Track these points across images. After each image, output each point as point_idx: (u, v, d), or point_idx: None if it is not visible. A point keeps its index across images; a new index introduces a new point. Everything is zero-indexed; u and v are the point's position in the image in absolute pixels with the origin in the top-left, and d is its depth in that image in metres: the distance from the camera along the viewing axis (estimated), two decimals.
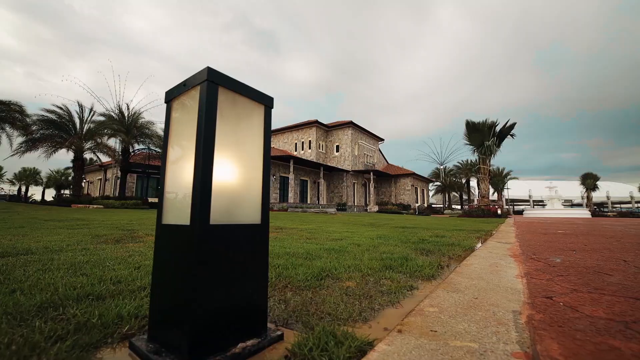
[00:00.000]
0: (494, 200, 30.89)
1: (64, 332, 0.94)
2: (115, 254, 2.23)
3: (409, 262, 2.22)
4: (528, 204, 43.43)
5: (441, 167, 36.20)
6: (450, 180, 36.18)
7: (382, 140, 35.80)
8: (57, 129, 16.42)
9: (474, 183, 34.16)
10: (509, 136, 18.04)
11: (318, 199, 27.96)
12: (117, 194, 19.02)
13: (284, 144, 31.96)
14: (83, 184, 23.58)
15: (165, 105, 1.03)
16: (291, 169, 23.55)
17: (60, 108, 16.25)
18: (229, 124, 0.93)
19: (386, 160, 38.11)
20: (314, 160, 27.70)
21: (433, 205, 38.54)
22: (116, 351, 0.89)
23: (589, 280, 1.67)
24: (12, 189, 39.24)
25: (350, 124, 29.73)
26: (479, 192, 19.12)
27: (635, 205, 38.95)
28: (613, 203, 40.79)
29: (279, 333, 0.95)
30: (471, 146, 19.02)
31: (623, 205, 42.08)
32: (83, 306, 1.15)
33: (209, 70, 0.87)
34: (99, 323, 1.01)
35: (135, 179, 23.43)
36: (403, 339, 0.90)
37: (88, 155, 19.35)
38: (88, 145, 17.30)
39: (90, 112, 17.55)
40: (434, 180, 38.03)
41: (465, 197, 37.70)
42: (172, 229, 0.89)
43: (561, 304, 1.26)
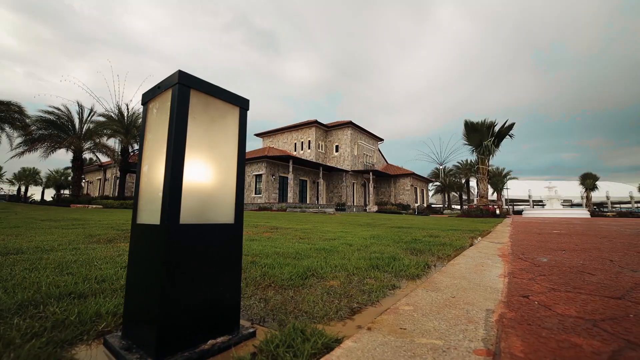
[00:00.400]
0: (493, 200, 30.89)
1: (40, 330, 0.96)
2: (105, 254, 2.25)
3: (396, 262, 2.24)
4: (528, 204, 43.41)
5: (441, 167, 36.20)
6: (450, 180, 36.18)
7: (382, 140, 35.81)
8: (57, 129, 16.46)
9: (473, 183, 34.16)
10: (507, 136, 18.05)
11: (317, 199, 27.99)
12: (117, 194, 19.06)
13: (284, 144, 31.98)
14: (82, 184, 23.62)
15: (143, 107, 1.05)
16: (290, 169, 23.58)
17: (59, 109, 16.28)
18: (201, 125, 0.95)
19: (386, 160, 38.12)
20: (314, 160, 27.72)
21: (433, 205, 38.54)
22: (91, 348, 0.91)
23: (570, 280, 1.69)
24: (12, 189, 39.34)
25: (350, 124, 29.74)
26: (477, 192, 19.13)
27: (635, 205, 38.92)
28: (613, 203, 40.76)
29: (251, 330, 0.97)
30: (470, 146, 19.02)
31: (623, 205, 42.04)
32: (64, 304, 1.17)
33: (180, 73, 0.89)
34: (76, 320, 1.03)
35: (135, 179, 23.48)
36: (371, 336, 0.91)
37: (87, 155, 19.40)
38: (87, 145, 17.34)
39: (89, 113, 17.59)
40: (434, 180, 38.03)
41: (465, 197, 37.69)
42: (145, 229, 0.91)
43: (536, 302, 1.28)
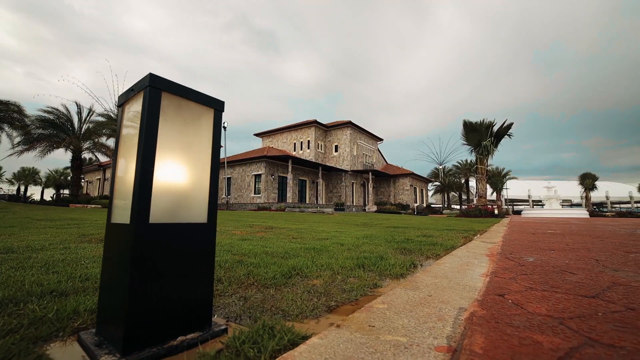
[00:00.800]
0: (492, 200, 30.87)
1: (17, 326, 0.98)
2: (94, 253, 2.28)
3: (383, 262, 2.26)
4: (527, 204, 43.41)
5: (440, 167, 36.20)
6: (450, 180, 36.19)
7: (381, 140, 35.82)
8: (56, 128, 16.50)
9: (473, 183, 34.15)
10: (506, 136, 18.05)
11: (317, 199, 28.01)
12: None
13: (283, 144, 32.01)
14: (82, 183, 23.66)
15: (119, 109, 1.07)
16: (289, 169, 23.60)
17: (58, 109, 16.31)
18: (173, 127, 0.97)
19: (385, 160, 38.13)
20: (313, 160, 27.75)
21: (432, 205, 38.54)
22: (66, 344, 0.94)
23: (550, 279, 1.71)
24: (12, 189, 39.39)
25: (349, 124, 29.76)
26: (476, 192, 19.14)
27: (635, 205, 38.89)
28: (612, 203, 40.74)
29: (223, 327, 1.00)
30: (469, 146, 19.03)
31: (622, 205, 42.00)
32: (44, 302, 1.19)
33: (151, 76, 0.91)
34: (54, 318, 1.05)
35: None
36: (338, 333, 0.93)
37: (87, 155, 19.44)
38: (86, 145, 17.38)
39: (88, 112, 17.62)
40: (433, 180, 38.04)
41: (464, 197, 37.69)
42: (117, 228, 0.93)
43: (510, 301, 1.29)
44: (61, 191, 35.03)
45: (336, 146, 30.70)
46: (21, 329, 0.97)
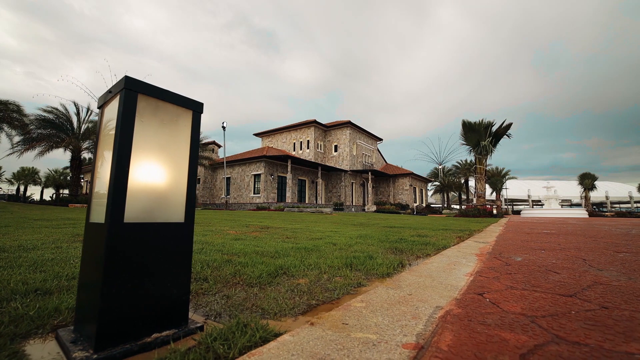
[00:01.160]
0: (492, 200, 30.86)
1: None
2: None
3: (371, 261, 2.27)
4: (527, 203, 43.39)
5: (440, 167, 36.20)
6: (449, 180, 36.19)
7: (381, 140, 35.83)
8: (55, 128, 16.53)
9: (472, 183, 34.18)
10: (505, 136, 18.06)
11: (316, 199, 28.03)
12: None
13: (282, 144, 32.03)
14: (82, 183, 23.70)
15: (99, 110, 1.09)
16: (289, 169, 23.63)
17: (57, 109, 16.34)
18: (150, 128, 0.99)
19: (385, 160, 38.14)
20: (312, 160, 27.77)
21: (432, 205, 38.55)
22: (44, 341, 0.95)
23: (532, 278, 1.72)
24: (11, 189, 39.43)
25: (349, 124, 29.77)
26: (475, 192, 19.15)
27: (634, 205, 38.85)
28: (612, 203, 40.70)
29: (199, 325, 1.01)
30: (468, 146, 19.04)
31: (622, 205, 41.96)
32: (27, 300, 1.21)
33: (127, 79, 0.93)
34: (35, 315, 1.07)
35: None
36: (310, 330, 0.95)
37: (86, 154, 19.45)
38: (86, 144, 17.41)
39: (87, 112, 17.65)
40: (433, 180, 38.04)
41: (464, 197, 37.69)
42: (94, 227, 0.95)
43: (488, 300, 1.31)
44: (61, 191, 35.09)
45: (336, 146, 30.72)
46: (1, 326, 0.99)
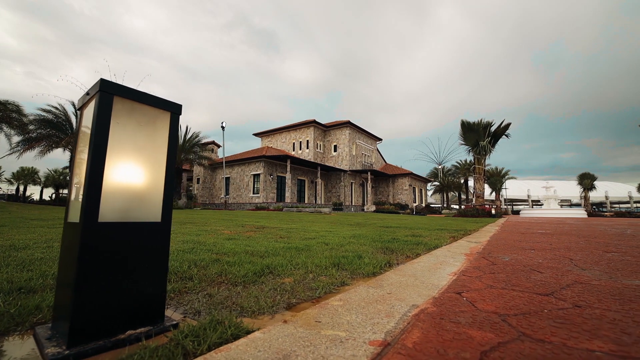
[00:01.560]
0: (492, 200, 30.84)
1: None
2: None
3: (359, 261, 2.29)
4: (527, 203, 43.38)
5: (439, 167, 36.19)
6: (449, 180, 36.18)
7: (380, 140, 35.84)
8: (54, 128, 16.56)
9: (472, 183, 34.22)
10: (504, 136, 18.07)
11: (315, 199, 28.05)
12: None
13: (282, 144, 32.05)
14: None
15: (78, 112, 1.11)
16: (288, 169, 23.65)
17: (57, 108, 16.38)
18: (126, 130, 1.01)
19: (384, 160, 38.15)
20: (312, 160, 27.78)
21: (431, 205, 38.56)
22: (22, 337, 0.98)
23: (514, 278, 1.74)
24: (11, 189, 39.48)
25: (348, 124, 29.79)
26: (474, 192, 19.16)
27: (634, 205, 38.82)
28: (612, 203, 40.67)
29: (174, 322, 1.03)
30: (467, 146, 19.05)
31: (622, 205, 41.93)
32: (9, 298, 1.23)
33: (102, 82, 0.95)
34: (15, 313, 1.09)
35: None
36: (282, 328, 0.97)
37: None
38: None
39: None
40: (433, 180, 38.04)
41: (463, 197, 37.69)
42: (70, 227, 0.97)
43: (465, 299, 1.33)
44: (60, 191, 35.13)
45: (335, 146, 30.73)
46: None
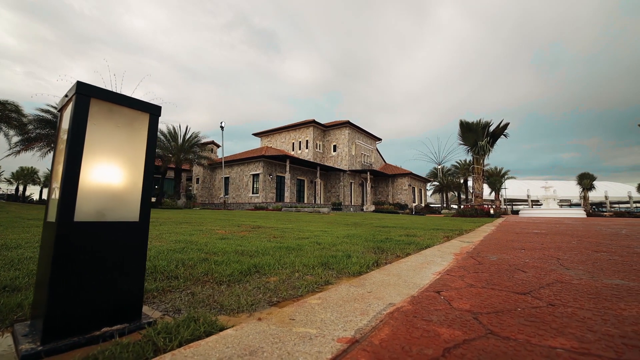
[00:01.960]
0: (491, 200, 30.84)
1: None
2: None
3: (348, 260, 2.31)
4: (526, 203, 43.37)
5: (439, 167, 36.19)
6: (448, 180, 36.18)
7: (380, 140, 35.85)
8: (53, 128, 16.58)
9: (471, 183, 34.20)
10: (502, 136, 18.08)
11: (315, 199, 28.07)
12: None
13: (281, 144, 32.07)
14: None
15: (58, 114, 1.13)
16: (287, 169, 23.67)
17: (56, 108, 16.40)
18: (104, 131, 1.03)
19: (384, 160, 38.16)
20: (311, 160, 27.80)
21: (431, 205, 38.56)
22: (3, 334, 1.00)
23: (496, 277, 1.76)
24: (10, 189, 39.51)
25: (348, 124, 29.80)
26: (473, 192, 19.17)
27: (634, 205, 38.78)
28: (611, 203, 40.65)
29: (151, 320, 1.06)
30: (465, 146, 19.06)
31: (621, 205, 41.90)
32: None
33: (78, 84, 0.97)
34: None
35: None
36: (255, 325, 0.99)
37: None
38: None
39: None
40: (432, 180, 38.04)
41: (463, 197, 37.69)
42: (48, 226, 0.99)
43: (442, 297, 1.35)
44: None
45: (334, 146, 30.75)
46: None
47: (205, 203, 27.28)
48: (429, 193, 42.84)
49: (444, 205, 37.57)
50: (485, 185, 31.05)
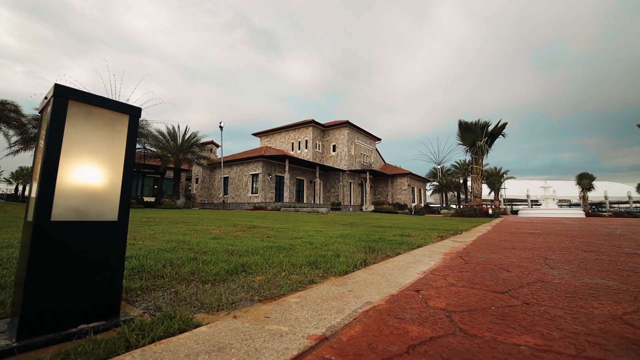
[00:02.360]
0: (490, 200, 30.84)
1: None
2: None
3: (335, 260, 2.33)
4: (526, 203, 43.38)
5: (438, 167, 36.20)
6: (448, 180, 36.20)
7: (379, 140, 35.86)
8: None
9: (471, 182, 34.18)
10: (500, 136, 18.09)
11: (314, 199, 28.09)
12: None
13: (281, 144, 32.10)
14: None
15: (40, 115, 1.15)
16: (287, 169, 23.69)
17: None
18: (82, 132, 1.05)
19: (383, 160, 38.18)
20: (311, 160, 27.82)
21: (430, 205, 38.56)
22: None
23: (479, 277, 1.78)
24: (10, 188, 39.55)
25: (347, 124, 29.82)
26: (471, 192, 19.19)
27: (633, 205, 38.78)
28: (611, 203, 40.65)
29: (129, 317, 1.08)
30: (464, 146, 19.07)
31: (621, 205, 41.90)
32: None
33: (56, 86, 0.99)
34: None
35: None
36: (229, 322, 1.01)
37: None
38: None
39: None
40: (432, 180, 38.06)
41: (462, 197, 37.69)
42: (27, 226, 1.01)
43: (420, 296, 1.37)
44: None
45: (334, 146, 30.77)
46: None
47: (204, 203, 27.32)
48: (429, 193, 42.87)
49: (444, 205, 37.58)
50: (485, 185, 31.07)
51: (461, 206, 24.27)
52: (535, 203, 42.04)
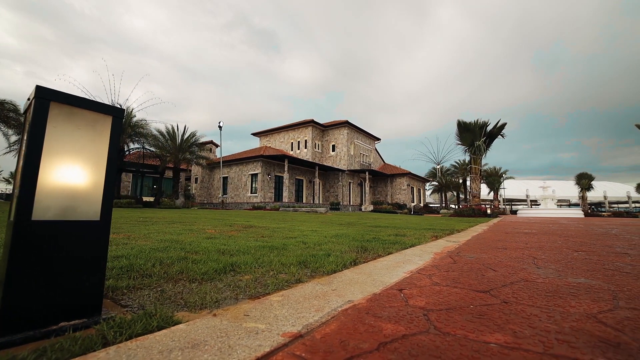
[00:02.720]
0: (490, 200, 30.85)
1: None
2: None
3: (325, 259, 2.34)
4: (525, 203, 43.39)
5: (438, 167, 36.22)
6: (447, 180, 36.22)
7: (379, 139, 35.88)
8: None
9: (469, 182, 34.17)
10: (499, 136, 18.11)
11: (313, 199, 28.11)
12: None
13: (280, 144, 32.12)
14: None
15: (23, 116, 1.17)
16: (286, 169, 23.71)
17: None
18: (64, 133, 1.07)
19: (383, 160, 38.19)
20: (310, 160, 27.84)
21: (430, 205, 38.58)
22: None
23: (464, 276, 1.80)
24: (9, 188, 39.63)
25: (346, 124, 29.84)
26: (470, 192, 19.20)
27: (633, 205, 38.79)
28: (610, 203, 40.67)
29: (110, 315, 1.09)
30: (463, 146, 19.09)
31: (620, 205, 41.91)
32: None
33: (37, 88, 1.00)
34: None
35: (130, 178, 23.68)
36: (207, 320, 1.03)
37: None
38: None
39: None
40: (431, 179, 38.08)
41: (462, 197, 37.71)
42: (9, 225, 1.03)
43: (402, 295, 1.39)
44: None
45: (333, 146, 30.79)
46: None
47: (204, 203, 27.34)
48: (428, 193, 42.88)
49: (443, 205, 37.60)
50: (484, 185, 31.09)
51: (460, 206, 24.29)
52: (534, 203, 42.06)
